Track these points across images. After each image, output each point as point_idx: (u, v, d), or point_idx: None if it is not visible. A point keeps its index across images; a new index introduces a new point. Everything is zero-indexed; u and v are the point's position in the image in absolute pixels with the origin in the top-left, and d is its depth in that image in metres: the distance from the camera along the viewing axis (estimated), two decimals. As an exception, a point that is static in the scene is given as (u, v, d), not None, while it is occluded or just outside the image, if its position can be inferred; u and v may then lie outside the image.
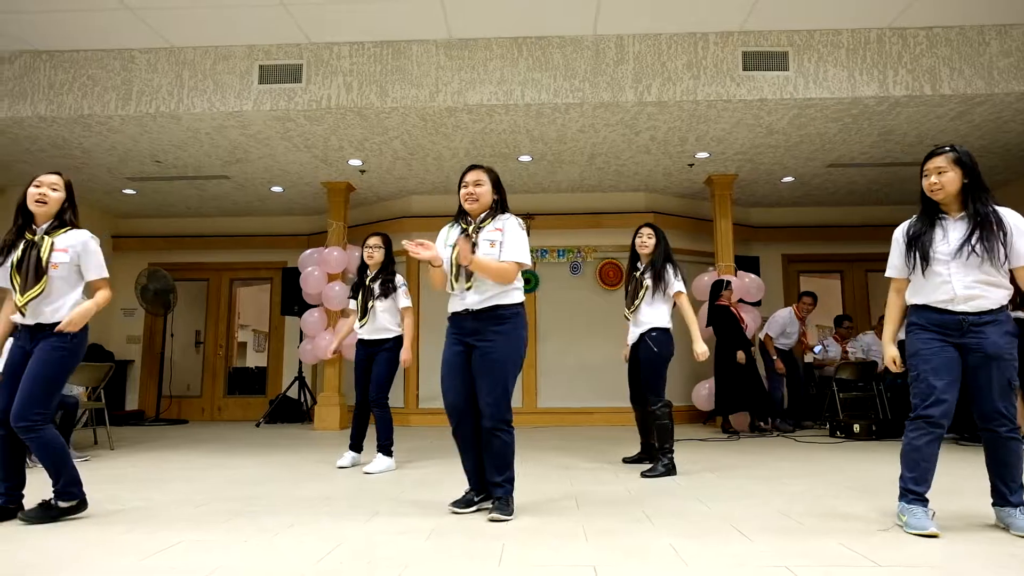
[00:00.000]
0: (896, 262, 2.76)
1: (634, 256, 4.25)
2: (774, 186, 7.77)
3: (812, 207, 8.65)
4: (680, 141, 6.28)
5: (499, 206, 2.98)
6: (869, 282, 8.84)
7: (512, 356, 2.84)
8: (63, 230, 2.98)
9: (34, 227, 2.95)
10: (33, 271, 2.84)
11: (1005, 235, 2.53)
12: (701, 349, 3.99)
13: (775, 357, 6.94)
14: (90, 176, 7.17)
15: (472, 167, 2.99)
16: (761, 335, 7.11)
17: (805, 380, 7.31)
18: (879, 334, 7.24)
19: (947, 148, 2.63)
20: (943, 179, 2.59)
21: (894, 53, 5.30)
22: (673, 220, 7.92)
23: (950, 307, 2.56)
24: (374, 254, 4.34)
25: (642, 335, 4.07)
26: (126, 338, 8.95)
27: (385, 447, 4.23)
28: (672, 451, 4.00)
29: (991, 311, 2.53)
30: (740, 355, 6.33)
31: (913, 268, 2.65)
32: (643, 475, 3.90)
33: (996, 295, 2.53)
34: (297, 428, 7.41)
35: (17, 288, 2.84)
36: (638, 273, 4.15)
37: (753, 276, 7.29)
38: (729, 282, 6.64)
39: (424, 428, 7.09)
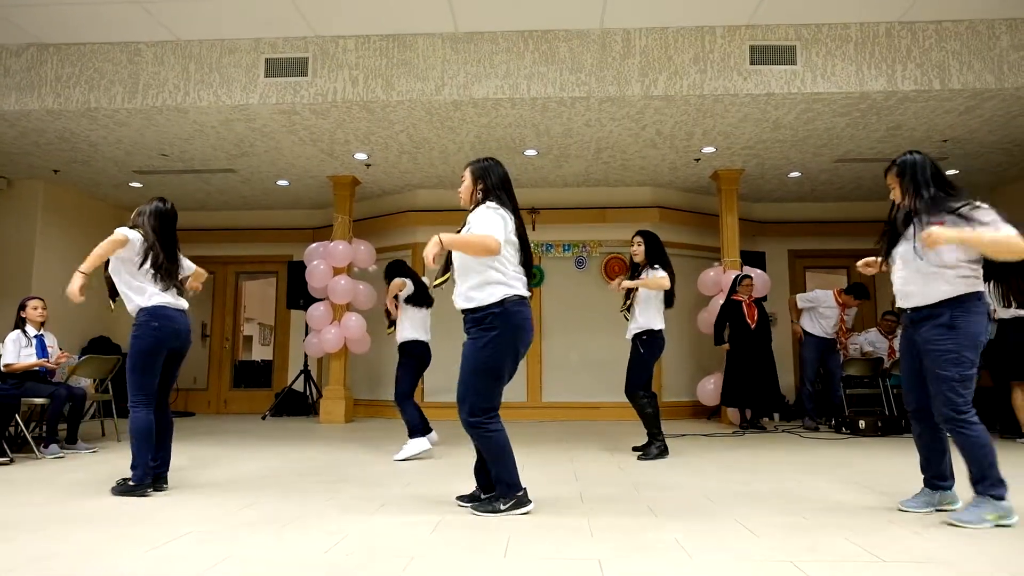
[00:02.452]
0: None
1: (632, 263, 4.69)
2: (781, 181, 7.73)
3: (819, 202, 8.61)
4: (686, 136, 6.25)
5: (483, 196, 2.95)
6: (875, 278, 8.80)
7: (477, 358, 2.80)
8: None
9: None
10: None
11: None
12: (625, 284, 4.53)
13: (793, 320, 6.89)
14: (97, 169, 7.19)
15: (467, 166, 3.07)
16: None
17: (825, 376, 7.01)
18: (882, 330, 7.21)
19: (891, 162, 2.86)
20: (894, 194, 2.86)
21: (903, 47, 5.26)
22: (679, 215, 7.90)
23: (899, 304, 2.82)
24: None
25: (634, 336, 4.52)
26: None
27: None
28: (661, 434, 4.49)
29: (927, 307, 2.67)
30: (727, 343, 6.45)
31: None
32: (638, 456, 4.44)
33: (932, 291, 2.65)
34: (303, 421, 7.44)
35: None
36: (636, 275, 4.57)
37: (759, 271, 7.26)
38: (746, 276, 6.57)
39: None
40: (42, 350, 5.00)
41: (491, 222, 2.78)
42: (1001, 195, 7.92)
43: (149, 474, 3.26)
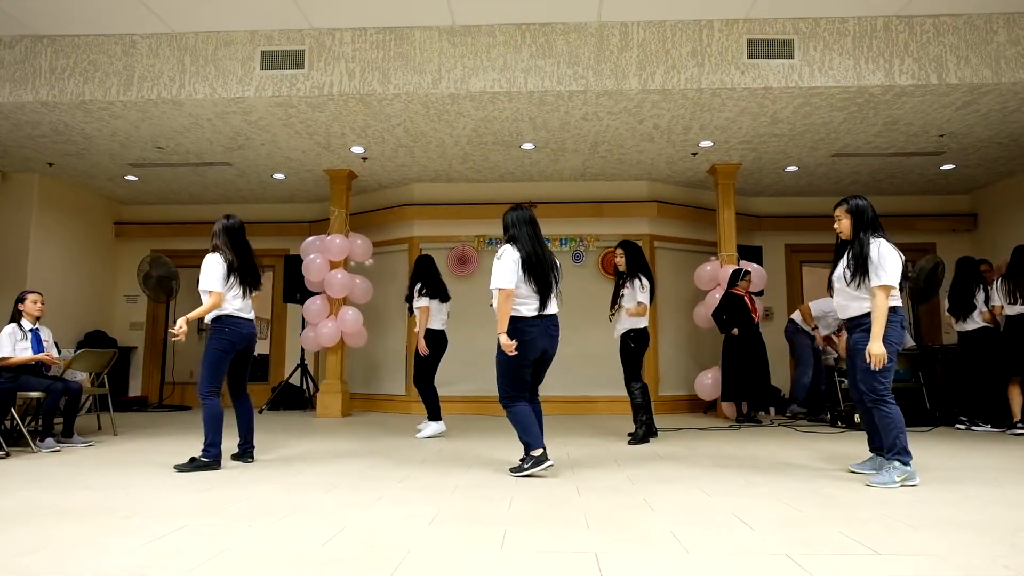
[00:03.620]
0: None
1: (617, 271, 5.20)
2: (778, 175, 7.74)
3: (816, 197, 8.61)
4: (684, 130, 6.25)
5: (506, 239, 3.82)
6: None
7: (497, 360, 3.71)
8: None
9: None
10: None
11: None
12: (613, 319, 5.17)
13: (814, 327, 6.91)
14: (92, 162, 7.15)
15: None
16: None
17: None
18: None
19: (843, 200, 3.56)
20: (840, 226, 3.56)
21: (900, 41, 5.25)
22: (676, 209, 7.90)
23: (839, 316, 3.70)
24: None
25: (622, 335, 5.03)
26: (129, 325, 8.96)
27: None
28: (644, 421, 4.93)
29: (855, 318, 3.50)
30: (735, 330, 6.43)
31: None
32: (628, 441, 4.90)
33: (857, 306, 3.46)
34: (299, 415, 7.44)
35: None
36: (621, 282, 5.09)
37: (756, 266, 7.27)
38: (748, 272, 6.59)
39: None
40: (37, 344, 4.99)
41: (498, 274, 3.62)
42: (997, 190, 7.94)
43: (220, 454, 3.85)
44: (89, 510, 2.77)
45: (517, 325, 3.64)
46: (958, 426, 5.87)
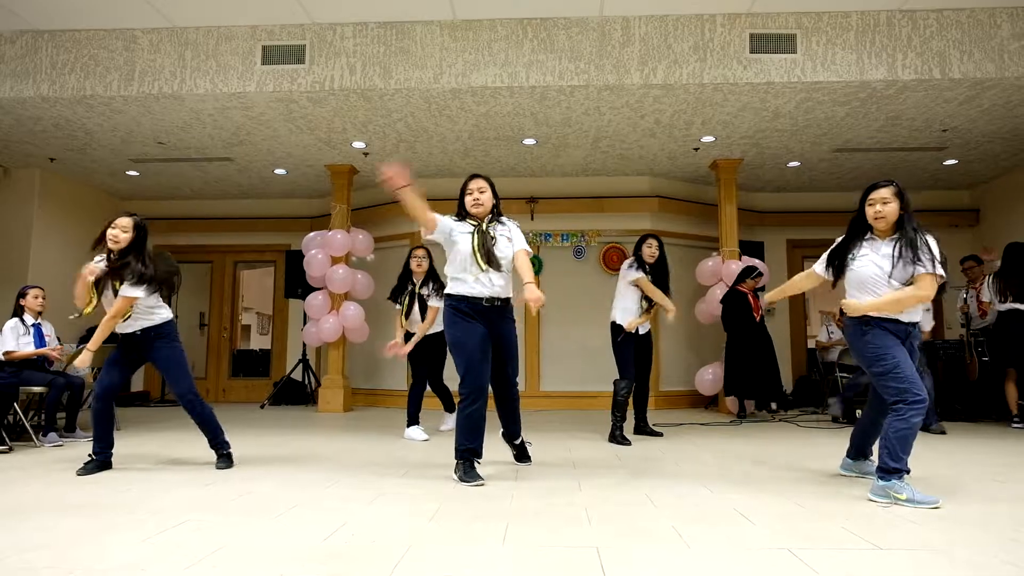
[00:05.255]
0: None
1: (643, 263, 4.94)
2: (780, 171, 7.72)
3: (818, 192, 8.60)
4: (685, 125, 6.23)
5: (496, 210, 3.49)
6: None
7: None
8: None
9: None
10: None
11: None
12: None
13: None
14: (93, 157, 7.15)
15: (475, 176, 3.47)
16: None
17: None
18: None
19: (889, 181, 3.10)
20: (889, 208, 3.02)
21: (903, 36, 5.23)
22: (677, 204, 7.88)
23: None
24: (423, 263, 5.01)
25: (650, 331, 5.02)
26: (130, 320, 8.97)
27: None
28: (617, 420, 4.75)
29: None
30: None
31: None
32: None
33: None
34: (301, 410, 7.45)
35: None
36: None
37: (758, 261, 7.26)
38: (760, 273, 6.61)
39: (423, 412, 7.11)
40: (40, 339, 5.00)
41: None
42: (1000, 185, 7.91)
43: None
44: (91, 505, 2.78)
45: None
46: (1014, 425, 5.57)
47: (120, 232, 3.59)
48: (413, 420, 5.01)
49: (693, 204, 8.01)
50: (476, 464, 3.32)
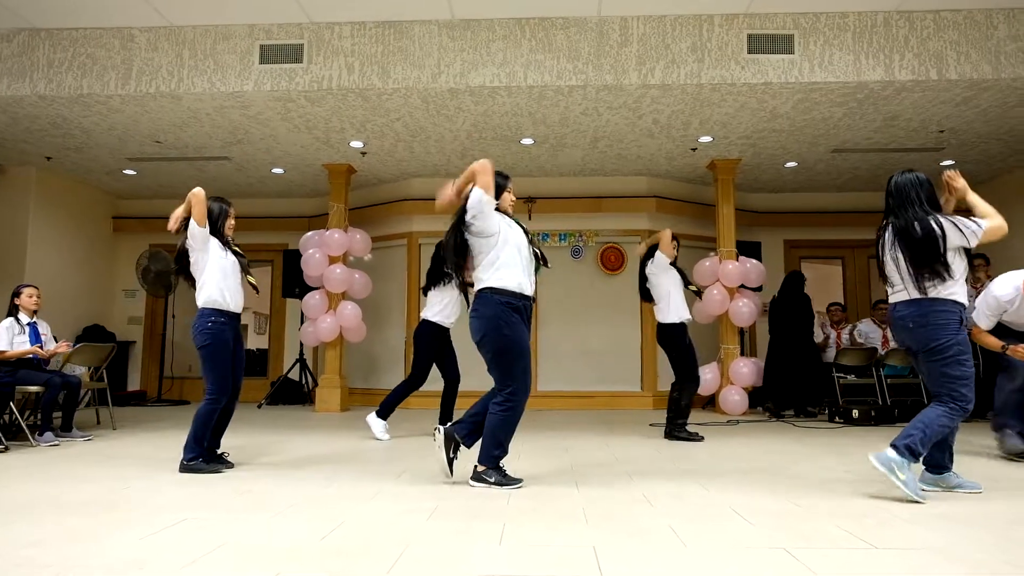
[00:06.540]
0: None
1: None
2: (777, 171, 7.73)
3: (815, 192, 8.61)
4: (683, 125, 6.24)
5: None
6: (870, 268, 8.82)
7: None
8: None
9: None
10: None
11: None
12: None
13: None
14: (90, 156, 7.13)
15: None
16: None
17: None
18: (875, 319, 7.22)
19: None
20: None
21: (901, 37, 5.24)
22: (675, 205, 7.89)
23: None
24: None
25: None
26: (128, 319, 8.96)
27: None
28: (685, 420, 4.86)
29: None
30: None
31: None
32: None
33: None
34: (299, 410, 7.45)
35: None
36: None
37: (755, 261, 7.27)
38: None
39: (420, 411, 7.12)
40: (35, 338, 4.99)
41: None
42: (997, 185, 7.93)
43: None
44: (89, 503, 2.78)
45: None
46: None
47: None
48: (447, 418, 4.94)
49: (690, 204, 8.02)
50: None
